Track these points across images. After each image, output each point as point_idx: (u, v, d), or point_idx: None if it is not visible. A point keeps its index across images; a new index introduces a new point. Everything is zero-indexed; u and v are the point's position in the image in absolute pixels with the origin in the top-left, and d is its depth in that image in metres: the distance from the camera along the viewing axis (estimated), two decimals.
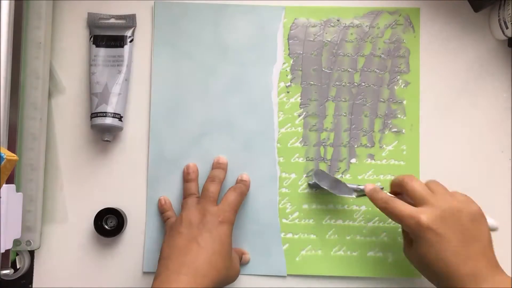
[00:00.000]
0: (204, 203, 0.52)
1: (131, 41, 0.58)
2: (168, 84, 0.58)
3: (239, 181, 0.57)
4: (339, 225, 0.57)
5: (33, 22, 0.54)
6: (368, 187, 0.53)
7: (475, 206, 0.48)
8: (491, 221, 0.51)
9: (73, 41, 0.59)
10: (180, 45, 0.59)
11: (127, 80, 0.57)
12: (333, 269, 0.56)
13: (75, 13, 0.59)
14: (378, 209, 0.51)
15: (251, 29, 0.59)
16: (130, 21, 0.58)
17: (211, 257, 0.48)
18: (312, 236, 0.57)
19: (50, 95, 0.58)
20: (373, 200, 0.52)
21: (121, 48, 0.57)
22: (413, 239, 0.49)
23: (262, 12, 0.59)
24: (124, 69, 0.57)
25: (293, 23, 0.59)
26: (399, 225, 0.57)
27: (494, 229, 0.51)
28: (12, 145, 0.50)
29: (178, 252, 0.48)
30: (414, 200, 0.49)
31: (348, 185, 0.55)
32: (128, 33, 0.58)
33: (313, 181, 0.56)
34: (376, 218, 0.57)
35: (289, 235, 0.57)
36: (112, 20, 0.58)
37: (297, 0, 0.59)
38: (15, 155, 0.42)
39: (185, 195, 0.55)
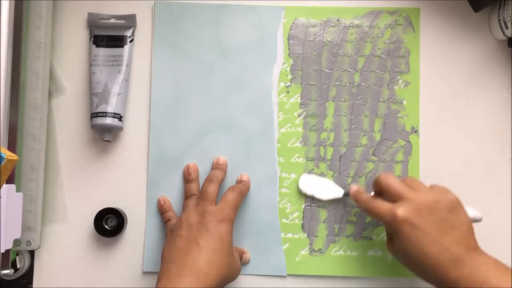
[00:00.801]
0: (203, 204, 0.52)
1: (131, 41, 0.58)
2: (168, 84, 0.58)
3: (239, 182, 0.57)
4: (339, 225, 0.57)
5: (33, 22, 0.54)
6: (353, 188, 0.53)
7: (452, 196, 0.49)
8: (474, 212, 0.51)
9: (73, 41, 0.59)
10: (180, 45, 0.59)
11: (127, 80, 0.57)
12: (333, 269, 0.56)
13: (75, 13, 0.59)
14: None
15: (251, 29, 0.59)
16: (130, 21, 0.58)
17: (212, 256, 0.48)
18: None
19: (50, 95, 0.58)
20: (357, 201, 0.52)
21: (121, 48, 0.57)
22: (392, 235, 0.49)
23: (262, 12, 0.59)
24: (124, 69, 0.57)
25: (293, 23, 0.59)
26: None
27: (477, 220, 0.51)
28: (12, 145, 0.50)
29: (179, 254, 0.48)
30: (391, 197, 0.50)
31: (334, 185, 0.56)
32: (128, 33, 0.58)
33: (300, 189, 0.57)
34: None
35: (289, 235, 0.57)
36: (112, 20, 0.58)
37: (297, 0, 0.59)
38: (15, 155, 0.42)
39: (186, 196, 0.55)
